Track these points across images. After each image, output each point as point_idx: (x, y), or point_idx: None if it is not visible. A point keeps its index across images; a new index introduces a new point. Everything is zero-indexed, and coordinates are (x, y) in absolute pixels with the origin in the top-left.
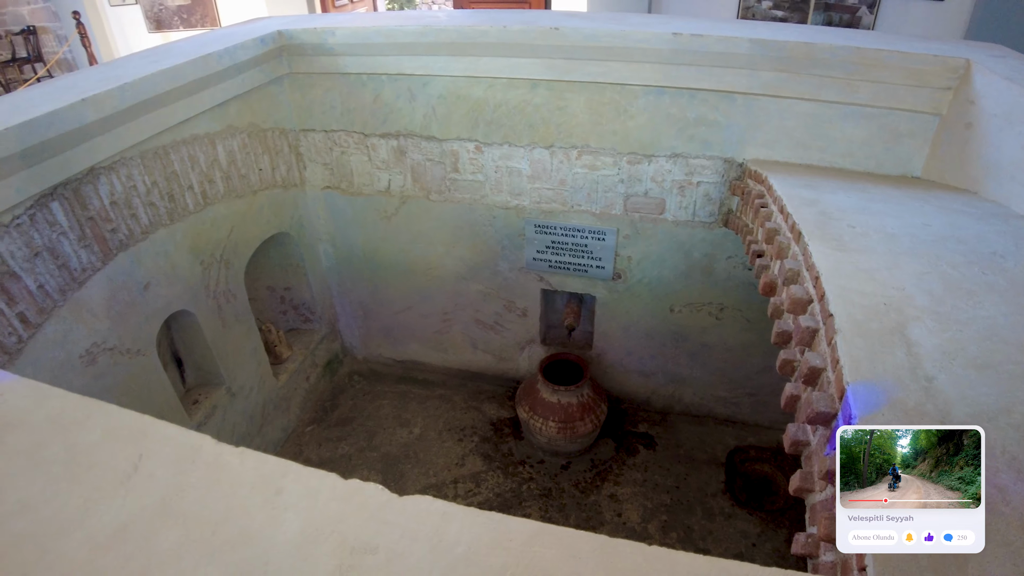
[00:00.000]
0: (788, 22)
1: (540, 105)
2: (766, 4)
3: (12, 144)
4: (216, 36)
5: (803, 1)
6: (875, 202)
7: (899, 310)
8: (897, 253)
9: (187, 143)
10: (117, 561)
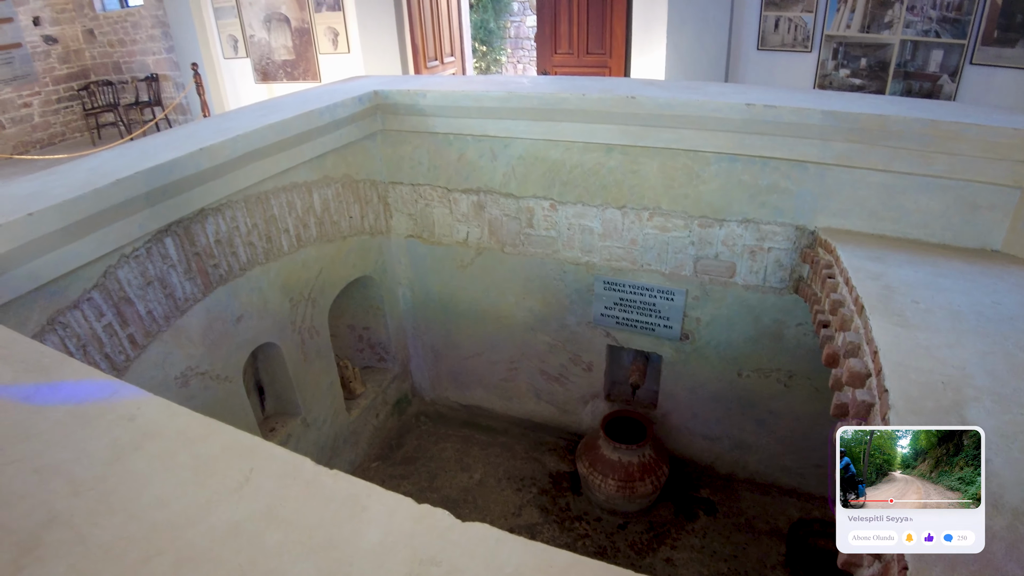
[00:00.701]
0: (866, 91)
1: (614, 168)
2: (843, 73)
3: (140, 186)
4: (318, 93)
5: (882, 70)
6: (944, 277)
7: (957, 389)
8: (961, 331)
9: (287, 190)
10: (231, 552)
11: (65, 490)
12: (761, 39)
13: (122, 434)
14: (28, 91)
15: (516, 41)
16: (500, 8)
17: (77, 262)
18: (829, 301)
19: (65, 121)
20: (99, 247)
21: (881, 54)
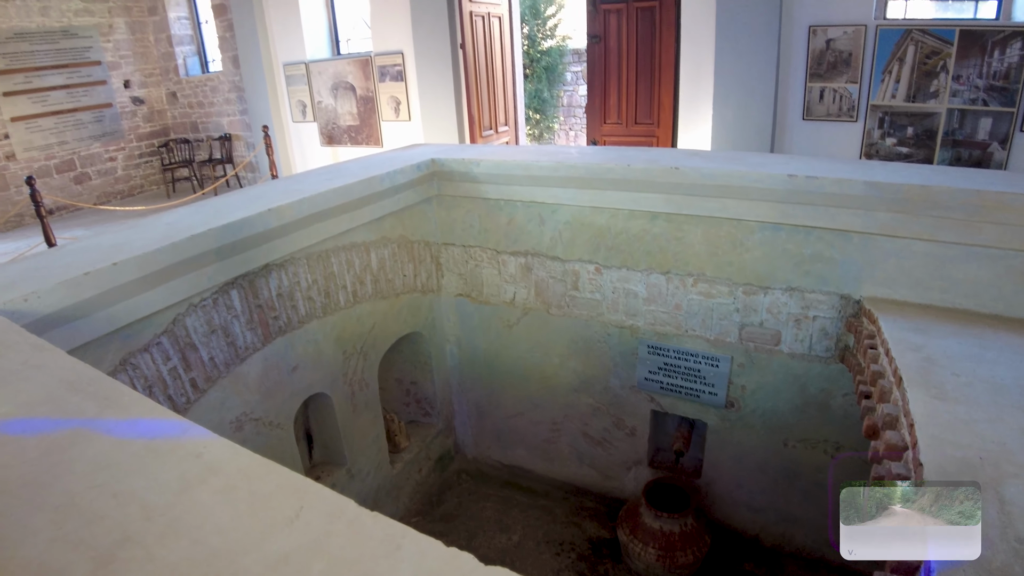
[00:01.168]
0: (913, 159)
1: (659, 235)
2: (890, 141)
3: (212, 242)
4: (379, 160)
5: (929, 138)
6: (989, 349)
7: (996, 465)
8: (1003, 406)
9: (346, 249)
10: None
11: (138, 514)
12: (806, 109)
13: (190, 468)
14: (114, 146)
15: (569, 109)
16: (554, 79)
17: (150, 309)
18: (870, 372)
19: (144, 174)
20: (171, 296)
21: (928, 123)
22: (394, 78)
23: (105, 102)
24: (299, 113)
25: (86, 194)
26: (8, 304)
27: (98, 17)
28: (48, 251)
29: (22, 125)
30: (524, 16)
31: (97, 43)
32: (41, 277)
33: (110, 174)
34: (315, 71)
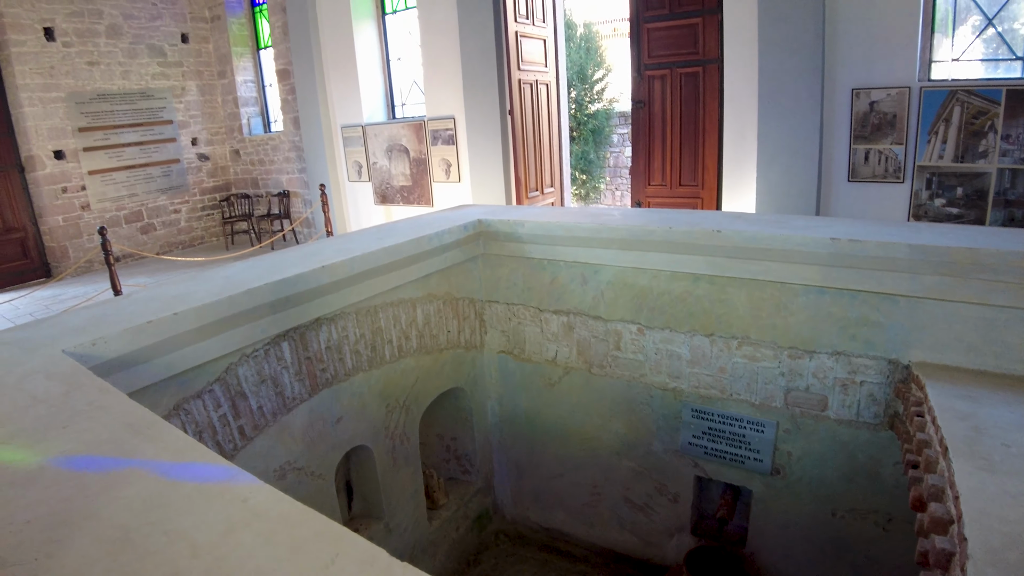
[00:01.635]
0: (964, 220)
1: (701, 296)
2: (939, 202)
3: (268, 295)
4: (429, 220)
5: (980, 198)
6: None
7: None
8: None
9: (393, 305)
10: None
11: (187, 552)
12: (851, 171)
13: (236, 512)
14: (179, 199)
15: (615, 170)
16: (600, 140)
17: (206, 358)
18: (916, 440)
19: (206, 226)
20: (226, 346)
21: (978, 183)
22: (446, 141)
23: (174, 158)
24: (355, 173)
25: (151, 243)
26: (78, 348)
27: (172, 80)
28: (115, 299)
29: (98, 178)
30: (571, 81)
31: (170, 104)
32: (108, 324)
33: (174, 225)
34: (371, 133)
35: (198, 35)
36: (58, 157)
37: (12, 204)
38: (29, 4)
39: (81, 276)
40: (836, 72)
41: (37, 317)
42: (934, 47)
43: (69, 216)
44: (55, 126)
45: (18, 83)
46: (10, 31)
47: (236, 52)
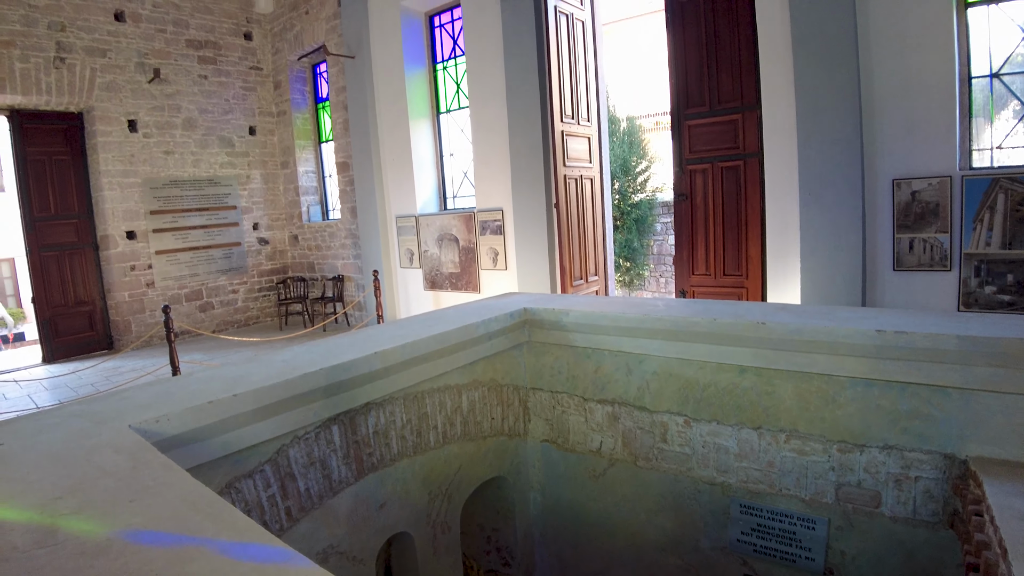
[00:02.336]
0: (1017, 307)
1: (748, 388)
2: (989, 290)
3: (323, 380)
4: (476, 307)
5: None
6: None
7: None
8: None
9: (439, 391)
10: None
11: None
12: (896, 260)
13: None
14: (238, 280)
15: (659, 257)
16: (644, 229)
17: (259, 438)
18: (975, 541)
19: (261, 307)
20: (279, 428)
21: None
22: (494, 231)
23: (235, 241)
24: (407, 260)
25: (208, 321)
26: (144, 423)
27: (239, 169)
28: (178, 378)
29: (164, 258)
30: (615, 173)
31: (235, 190)
32: (172, 401)
33: (231, 304)
34: (423, 223)
35: (265, 128)
36: (130, 237)
37: (85, 279)
38: (118, 99)
39: (141, 350)
40: (876, 163)
41: (98, 388)
42: (974, 135)
43: (135, 292)
44: (130, 208)
45: (101, 169)
46: (99, 123)
47: (299, 144)
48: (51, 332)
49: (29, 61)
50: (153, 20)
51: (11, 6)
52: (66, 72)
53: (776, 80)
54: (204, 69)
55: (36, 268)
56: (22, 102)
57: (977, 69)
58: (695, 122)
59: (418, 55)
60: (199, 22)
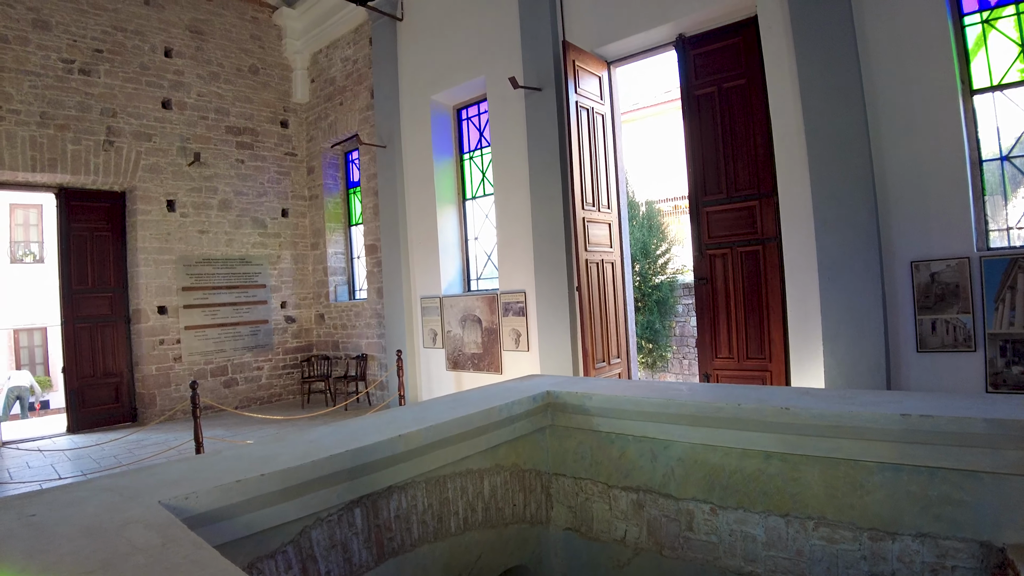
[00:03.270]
0: None
1: (774, 475)
2: (1016, 370)
3: (347, 462)
4: (498, 390)
5: None
6: None
7: None
8: None
9: (461, 475)
10: None
11: None
12: (920, 342)
13: None
14: (263, 357)
15: (681, 339)
16: (665, 311)
17: (283, 519)
18: None
19: (284, 384)
20: (303, 509)
21: None
22: (516, 313)
23: (263, 319)
24: (430, 340)
25: (231, 397)
26: (173, 500)
27: (270, 249)
28: (206, 456)
29: (192, 333)
30: (635, 256)
31: (266, 270)
32: (201, 479)
33: (255, 381)
34: (447, 304)
35: (297, 210)
36: (161, 312)
37: (115, 351)
38: (159, 180)
39: (164, 424)
40: (893, 245)
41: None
42: (988, 216)
43: (162, 366)
44: (163, 284)
45: (139, 245)
46: (140, 202)
47: (330, 227)
48: (78, 402)
49: (81, 143)
50: (197, 108)
51: (69, 93)
52: (113, 154)
53: (791, 168)
54: (242, 154)
55: (69, 339)
56: (71, 181)
57: (987, 152)
58: (713, 208)
59: (446, 145)
60: (239, 110)
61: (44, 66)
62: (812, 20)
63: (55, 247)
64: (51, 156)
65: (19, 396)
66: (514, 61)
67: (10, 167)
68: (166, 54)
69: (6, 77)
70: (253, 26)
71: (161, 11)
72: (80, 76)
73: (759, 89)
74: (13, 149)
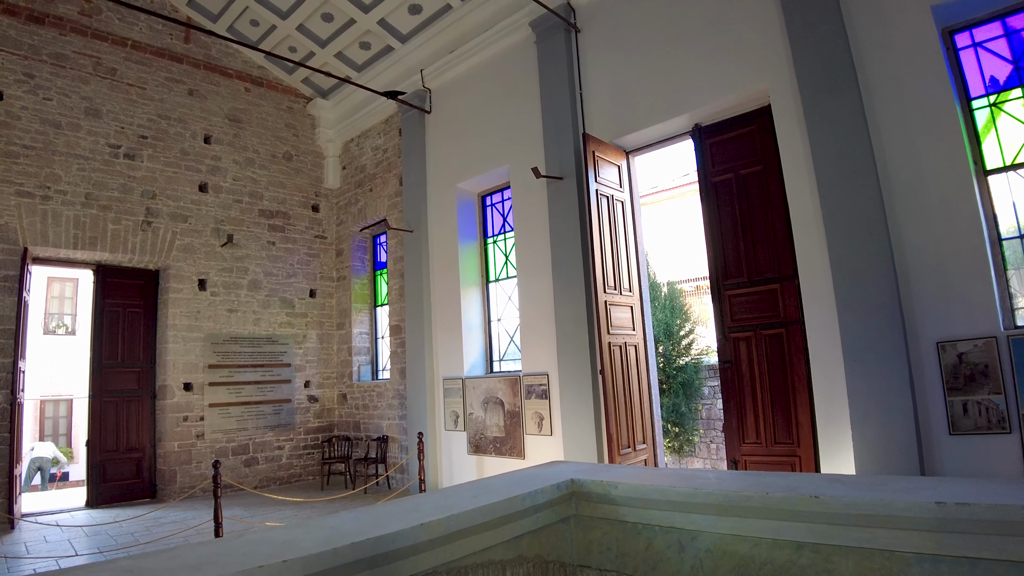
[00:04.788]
0: None
1: (806, 566)
2: None
3: (369, 550)
4: (521, 477)
5: None
6: None
7: None
8: None
9: (483, 566)
10: None
11: None
12: (951, 424)
13: None
14: (284, 437)
15: (708, 422)
16: (691, 393)
17: None
18: None
19: (304, 464)
20: None
21: None
22: (539, 396)
23: (286, 397)
24: (451, 422)
25: (251, 476)
26: None
27: (296, 328)
28: (228, 539)
29: (216, 411)
30: (659, 338)
31: (291, 349)
32: (222, 563)
33: (275, 461)
34: (470, 386)
35: (324, 291)
36: (186, 389)
37: (139, 427)
38: (192, 260)
39: (183, 501)
40: (917, 326)
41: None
42: (1013, 293)
43: (184, 443)
44: (190, 361)
45: (169, 323)
46: (173, 280)
47: (356, 307)
48: (99, 476)
49: (120, 223)
50: (232, 192)
51: (113, 176)
52: (151, 234)
53: (811, 251)
54: (273, 236)
55: (96, 412)
56: (109, 258)
57: (1005, 229)
58: (734, 292)
59: (471, 230)
60: (273, 194)
61: (93, 150)
62: (824, 109)
63: (88, 321)
64: (92, 234)
65: (40, 467)
66: (537, 151)
67: (54, 244)
68: (205, 140)
69: (57, 160)
70: (288, 116)
71: (203, 101)
72: (125, 160)
73: (775, 175)
74: (58, 227)
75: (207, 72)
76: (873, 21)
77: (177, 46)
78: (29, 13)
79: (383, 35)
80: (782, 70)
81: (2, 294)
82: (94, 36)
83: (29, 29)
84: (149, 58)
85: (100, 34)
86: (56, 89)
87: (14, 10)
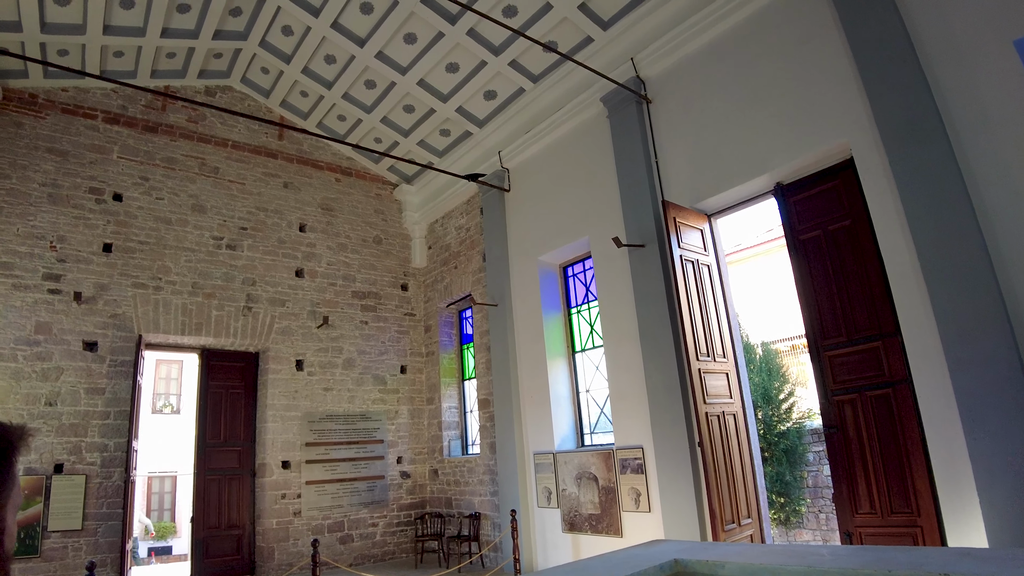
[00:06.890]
0: None
1: None
2: None
3: None
4: (622, 557)
5: None
6: None
7: None
8: None
9: None
10: None
11: None
12: None
13: None
14: (378, 514)
15: (815, 490)
16: (795, 460)
17: None
18: None
19: (398, 542)
20: None
21: None
22: (634, 470)
23: (379, 474)
24: (544, 499)
25: (346, 554)
26: None
27: (389, 405)
28: None
29: (313, 488)
30: (757, 403)
31: (384, 425)
32: None
33: (369, 538)
34: (561, 461)
35: (414, 367)
36: (284, 467)
37: (239, 504)
38: (290, 342)
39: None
40: None
41: None
42: None
43: (282, 520)
44: (288, 439)
45: (268, 402)
46: (272, 362)
47: (444, 382)
48: (203, 552)
49: (223, 309)
50: (327, 276)
51: (217, 266)
52: (251, 319)
53: (912, 307)
54: (365, 316)
55: (199, 490)
56: (212, 343)
57: None
58: (834, 352)
59: (554, 301)
60: (364, 276)
61: (198, 243)
62: (911, 158)
63: (193, 402)
64: (198, 320)
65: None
66: (616, 221)
67: (164, 330)
68: (300, 229)
69: (167, 253)
70: (377, 202)
71: (297, 192)
72: (227, 250)
73: (866, 229)
74: (168, 315)
75: (300, 165)
76: (953, 64)
77: (272, 143)
78: (145, 124)
79: (461, 121)
80: (861, 122)
81: (120, 379)
82: (199, 140)
83: (144, 137)
84: (247, 156)
85: (204, 137)
86: (167, 189)
87: (132, 122)
